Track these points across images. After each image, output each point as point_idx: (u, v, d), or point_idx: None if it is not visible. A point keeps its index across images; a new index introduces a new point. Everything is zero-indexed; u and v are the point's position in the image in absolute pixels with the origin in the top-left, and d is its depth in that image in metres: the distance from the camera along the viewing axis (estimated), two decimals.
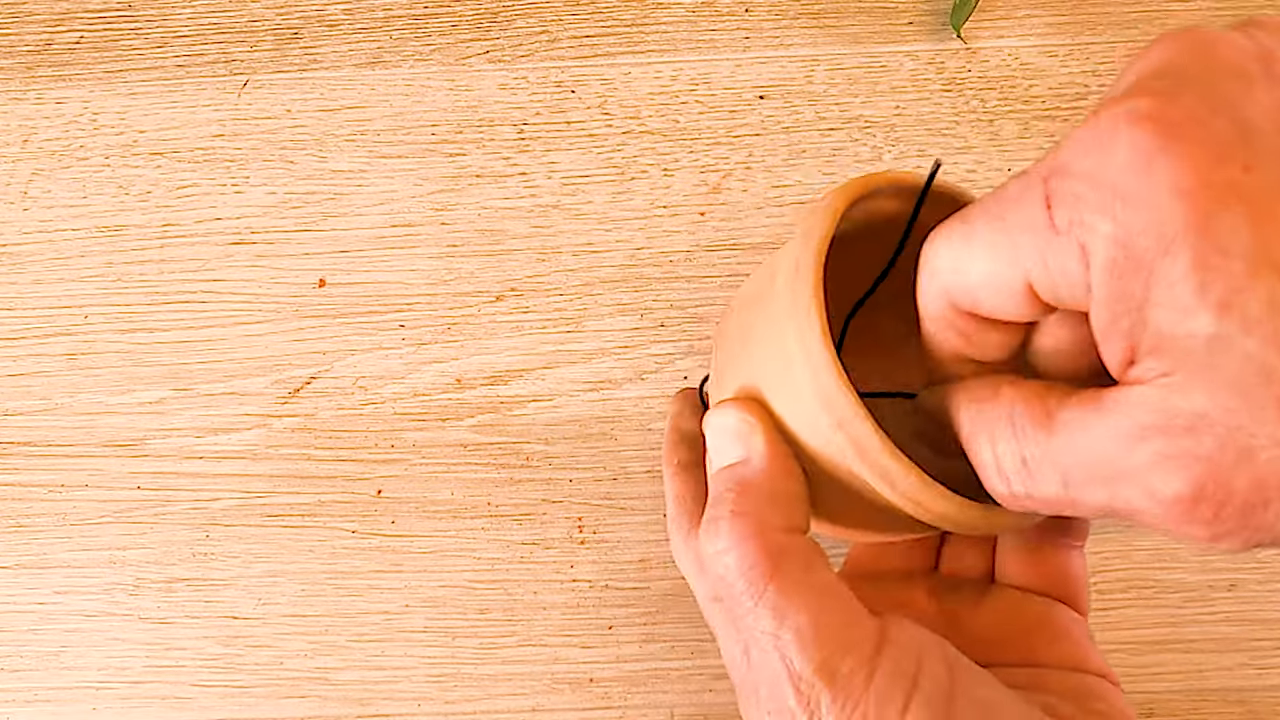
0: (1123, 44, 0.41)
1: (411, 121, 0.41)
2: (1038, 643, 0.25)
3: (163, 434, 0.38)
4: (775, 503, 0.22)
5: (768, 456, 0.23)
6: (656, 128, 0.41)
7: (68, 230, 0.40)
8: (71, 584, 0.37)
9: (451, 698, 0.35)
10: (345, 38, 0.42)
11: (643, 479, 0.37)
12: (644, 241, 0.39)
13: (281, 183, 0.40)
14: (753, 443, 0.23)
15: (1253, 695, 0.35)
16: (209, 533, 0.37)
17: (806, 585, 0.21)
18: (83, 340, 0.39)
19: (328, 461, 0.37)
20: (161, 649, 0.36)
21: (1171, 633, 0.35)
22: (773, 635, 0.21)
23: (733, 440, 0.23)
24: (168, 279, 0.39)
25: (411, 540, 0.37)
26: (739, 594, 0.21)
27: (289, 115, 0.41)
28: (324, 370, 0.38)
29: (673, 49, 0.42)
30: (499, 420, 0.38)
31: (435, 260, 0.39)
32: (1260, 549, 0.18)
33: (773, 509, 0.22)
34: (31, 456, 0.38)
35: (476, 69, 0.42)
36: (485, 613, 0.36)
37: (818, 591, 0.21)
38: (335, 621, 0.36)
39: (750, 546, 0.22)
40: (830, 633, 0.21)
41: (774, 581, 0.21)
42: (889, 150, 0.40)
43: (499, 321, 0.39)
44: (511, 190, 0.40)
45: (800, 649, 0.20)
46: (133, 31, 0.43)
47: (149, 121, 0.41)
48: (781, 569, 0.21)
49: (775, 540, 0.22)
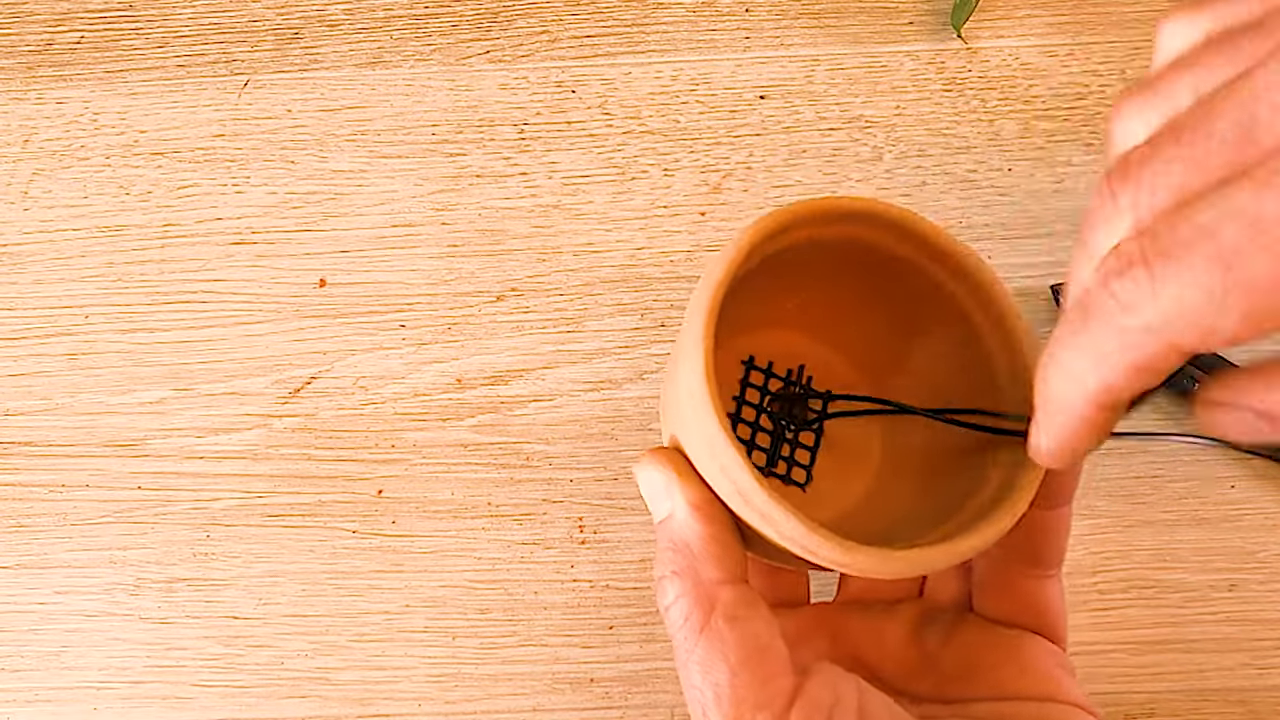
0: (1123, 44, 0.41)
1: (412, 121, 0.41)
2: (1005, 676, 0.25)
3: (163, 434, 0.38)
4: (706, 556, 0.23)
5: (690, 510, 0.23)
6: (657, 128, 0.41)
7: (68, 230, 0.40)
8: (72, 584, 0.37)
9: (452, 698, 0.35)
10: (346, 38, 0.42)
11: None
12: (644, 241, 0.39)
13: (282, 183, 0.40)
14: (674, 497, 0.23)
15: (1253, 695, 0.35)
16: (209, 533, 0.37)
17: (734, 640, 0.22)
18: (83, 340, 0.39)
19: (328, 461, 0.37)
20: (162, 649, 0.36)
21: (1172, 633, 0.35)
22: (698, 689, 0.22)
23: (658, 495, 0.24)
24: (168, 279, 0.39)
25: (412, 540, 0.37)
26: (678, 647, 0.23)
27: (289, 115, 0.41)
28: (324, 370, 0.38)
29: (673, 49, 0.42)
30: (499, 420, 0.38)
31: (436, 260, 0.39)
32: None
33: (705, 562, 0.23)
34: (32, 456, 0.38)
35: (477, 69, 0.42)
36: (486, 613, 0.36)
37: (743, 646, 0.22)
38: (336, 621, 0.36)
39: (684, 603, 0.22)
40: (745, 691, 0.21)
41: (704, 636, 0.22)
42: (889, 150, 0.40)
43: (499, 321, 0.39)
44: (512, 190, 0.40)
45: (716, 704, 0.21)
46: (133, 31, 0.43)
47: (150, 121, 0.41)
48: (711, 625, 0.22)
49: (708, 594, 0.22)
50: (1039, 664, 0.26)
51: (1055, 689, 0.25)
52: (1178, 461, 0.37)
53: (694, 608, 0.22)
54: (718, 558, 0.23)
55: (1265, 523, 0.36)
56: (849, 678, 0.23)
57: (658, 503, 0.24)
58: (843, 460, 0.29)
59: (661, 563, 0.23)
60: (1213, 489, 0.36)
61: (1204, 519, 0.36)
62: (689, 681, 0.22)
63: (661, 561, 0.23)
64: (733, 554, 0.23)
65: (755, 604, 0.23)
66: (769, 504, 0.21)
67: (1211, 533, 0.36)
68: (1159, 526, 0.36)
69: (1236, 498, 0.36)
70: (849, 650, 0.28)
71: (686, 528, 0.23)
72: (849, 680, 0.23)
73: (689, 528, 0.23)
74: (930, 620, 0.28)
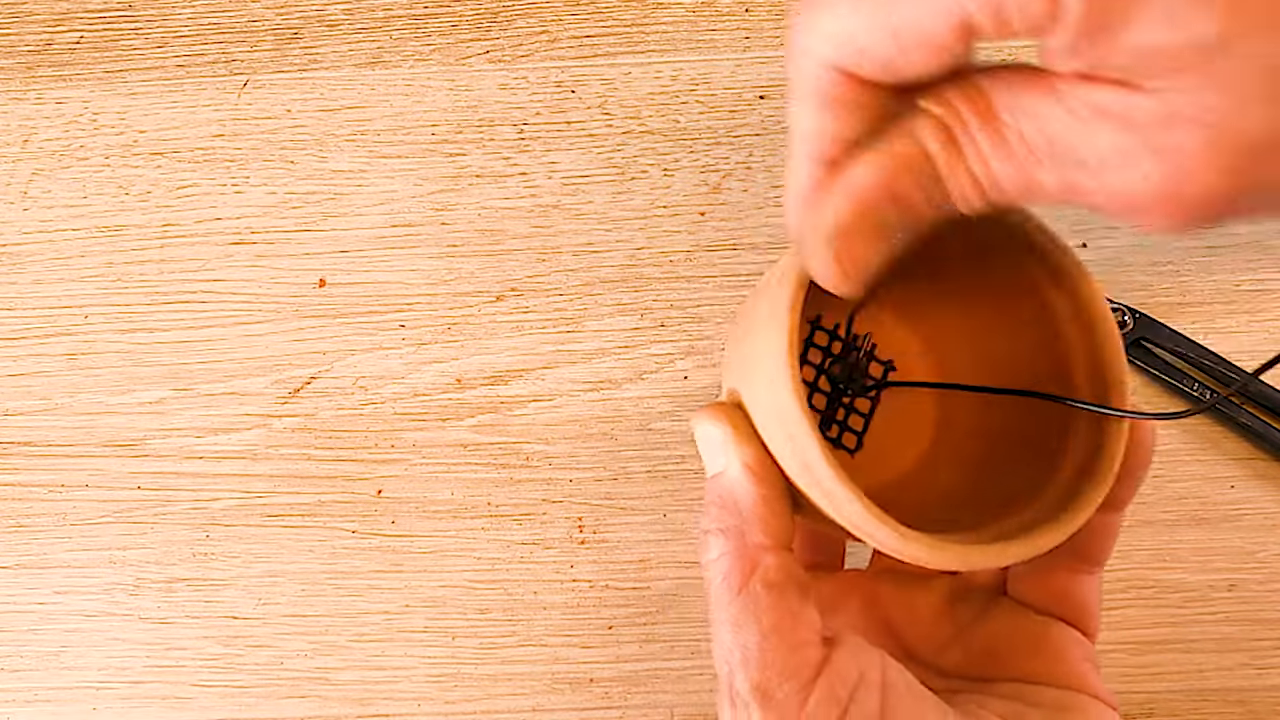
0: None
1: (411, 121, 0.41)
2: (1032, 661, 0.26)
3: (163, 434, 0.38)
4: (754, 518, 0.23)
5: (744, 470, 0.23)
6: (656, 128, 0.41)
7: (68, 230, 0.40)
8: (72, 584, 0.37)
9: (451, 698, 0.35)
10: (345, 38, 0.42)
11: (643, 479, 0.37)
12: (644, 241, 0.39)
13: (281, 183, 0.40)
14: (729, 454, 0.23)
15: (1253, 695, 0.35)
16: (209, 533, 0.37)
17: (768, 606, 0.22)
18: (83, 340, 0.39)
19: (328, 461, 0.37)
20: (161, 649, 0.36)
21: (1171, 633, 0.35)
22: (727, 649, 0.22)
23: (713, 450, 0.23)
24: (168, 279, 0.39)
25: (411, 540, 0.37)
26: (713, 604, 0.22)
27: (289, 115, 0.41)
28: (324, 370, 0.38)
29: (673, 49, 0.42)
30: (499, 420, 0.38)
31: (435, 260, 0.39)
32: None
33: (753, 524, 0.23)
34: (31, 456, 0.38)
35: (476, 69, 0.42)
36: (485, 613, 0.36)
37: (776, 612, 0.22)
38: (335, 621, 0.36)
39: (725, 561, 0.22)
40: (773, 656, 0.21)
41: (740, 597, 0.22)
42: None
43: (499, 321, 0.39)
44: (511, 190, 0.40)
45: (743, 667, 0.21)
46: (133, 31, 0.43)
47: (149, 121, 0.41)
48: (749, 587, 0.22)
49: (750, 557, 0.22)
50: (1067, 654, 0.26)
51: (1080, 681, 0.25)
52: (1178, 461, 0.37)
53: (734, 567, 0.22)
54: (766, 521, 0.22)
55: (1265, 523, 0.36)
56: (874, 652, 0.23)
57: (712, 458, 0.23)
58: (894, 433, 0.29)
59: (708, 517, 0.23)
60: (1213, 489, 0.36)
61: (1204, 519, 0.36)
62: (719, 640, 0.22)
63: (708, 516, 0.23)
64: (781, 520, 0.23)
65: (794, 573, 0.23)
66: (833, 480, 0.21)
67: (1211, 533, 0.36)
68: (1159, 526, 0.36)
69: (1236, 498, 0.36)
70: (880, 618, 0.28)
71: (739, 487, 0.23)
72: (874, 654, 0.23)
73: (741, 488, 0.23)
74: (963, 597, 0.28)
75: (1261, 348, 0.37)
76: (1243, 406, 0.36)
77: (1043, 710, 0.24)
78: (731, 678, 0.22)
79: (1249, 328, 0.37)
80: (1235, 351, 0.37)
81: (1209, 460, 0.37)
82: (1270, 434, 0.36)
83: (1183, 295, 0.38)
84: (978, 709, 0.23)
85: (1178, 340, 0.37)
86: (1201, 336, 0.37)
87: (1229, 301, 0.38)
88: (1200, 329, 0.37)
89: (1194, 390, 0.36)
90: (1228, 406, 0.36)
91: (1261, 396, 0.36)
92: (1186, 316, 0.38)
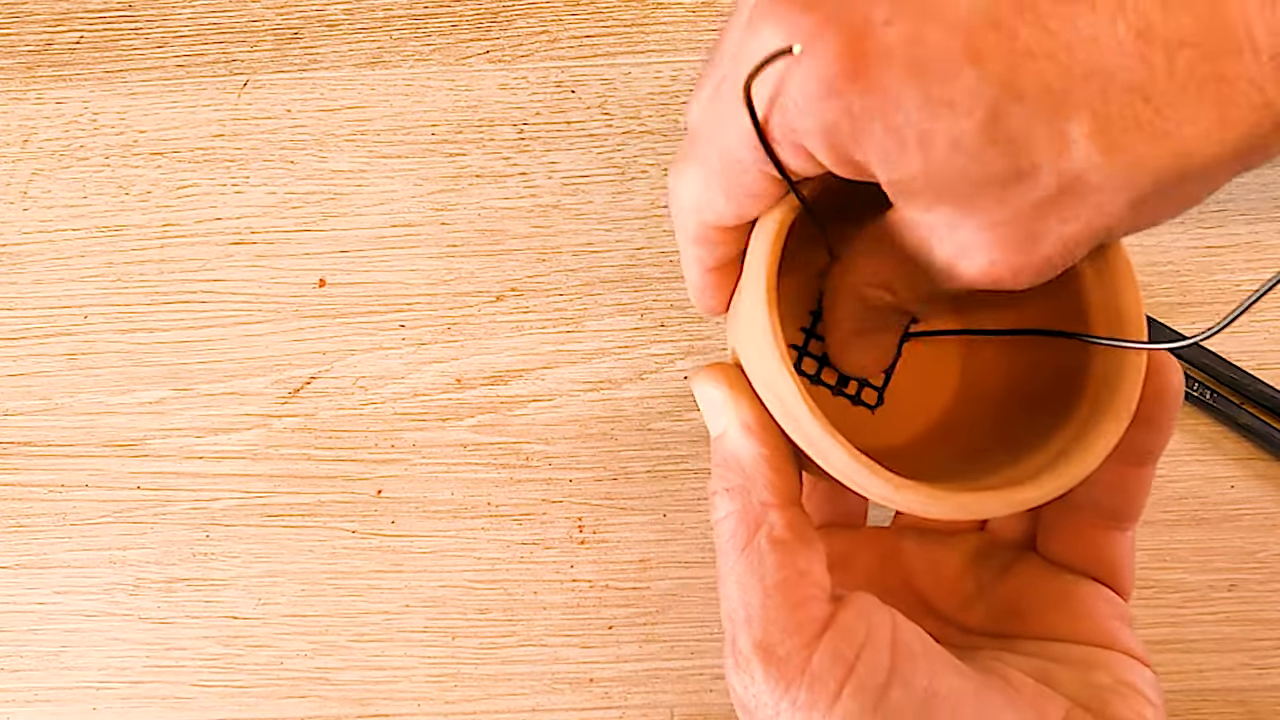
0: None
1: (411, 121, 0.41)
2: (1059, 618, 0.25)
3: (163, 434, 0.38)
4: (757, 476, 0.23)
5: (742, 429, 0.23)
6: (656, 128, 0.41)
7: (68, 230, 0.40)
8: (71, 584, 0.37)
9: (451, 698, 0.35)
10: (345, 38, 0.42)
11: (643, 479, 0.37)
12: (644, 241, 0.39)
13: (281, 183, 0.40)
14: (729, 415, 0.23)
15: (1253, 695, 0.35)
16: (209, 533, 0.37)
17: (773, 563, 0.22)
18: (83, 340, 0.39)
19: (328, 461, 0.37)
20: (161, 649, 0.36)
21: (1171, 633, 0.35)
22: (731, 607, 0.22)
23: (713, 412, 0.23)
24: (168, 279, 0.39)
25: (411, 540, 0.37)
26: (720, 563, 0.23)
27: (289, 115, 0.41)
28: (324, 370, 0.38)
29: (673, 49, 0.42)
30: (499, 420, 0.38)
31: (435, 260, 0.39)
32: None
33: (756, 483, 0.23)
34: (31, 456, 0.38)
35: (476, 69, 0.42)
36: (485, 613, 0.36)
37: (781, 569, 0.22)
38: (335, 621, 0.36)
39: (731, 520, 0.23)
40: (776, 613, 0.21)
41: (744, 554, 0.22)
42: None
43: (499, 321, 0.39)
44: (511, 190, 0.40)
45: (746, 624, 0.21)
46: (133, 31, 0.43)
47: (149, 121, 0.41)
48: (754, 544, 0.22)
49: (756, 515, 0.22)
50: (1096, 611, 0.25)
51: (1110, 638, 0.24)
52: (1178, 461, 0.37)
53: (740, 525, 0.22)
54: (768, 479, 0.22)
55: (1265, 523, 0.36)
56: (885, 610, 0.22)
57: (714, 419, 0.23)
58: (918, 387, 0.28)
59: (715, 478, 0.23)
60: (1213, 489, 0.36)
61: (1204, 519, 0.36)
62: (725, 598, 0.22)
63: (716, 477, 0.23)
64: (785, 477, 0.23)
65: (803, 530, 0.22)
66: (819, 431, 0.21)
67: (1211, 533, 0.36)
68: (1159, 526, 0.36)
69: (1236, 498, 0.36)
70: (901, 575, 0.28)
71: (739, 447, 0.23)
72: (884, 612, 0.22)
73: (742, 447, 0.23)
74: (989, 554, 0.27)
75: (1262, 348, 0.37)
76: (1242, 407, 0.36)
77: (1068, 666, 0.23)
78: (735, 636, 0.21)
79: (1249, 328, 0.38)
80: (1236, 351, 0.37)
81: (1209, 460, 0.37)
82: (1270, 434, 0.36)
83: (1183, 295, 0.38)
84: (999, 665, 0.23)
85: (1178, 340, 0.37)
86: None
87: (1229, 301, 0.38)
88: (1200, 329, 0.37)
89: (1194, 390, 0.36)
90: (1227, 406, 0.36)
91: (1262, 396, 0.36)
92: (1186, 316, 0.38)
